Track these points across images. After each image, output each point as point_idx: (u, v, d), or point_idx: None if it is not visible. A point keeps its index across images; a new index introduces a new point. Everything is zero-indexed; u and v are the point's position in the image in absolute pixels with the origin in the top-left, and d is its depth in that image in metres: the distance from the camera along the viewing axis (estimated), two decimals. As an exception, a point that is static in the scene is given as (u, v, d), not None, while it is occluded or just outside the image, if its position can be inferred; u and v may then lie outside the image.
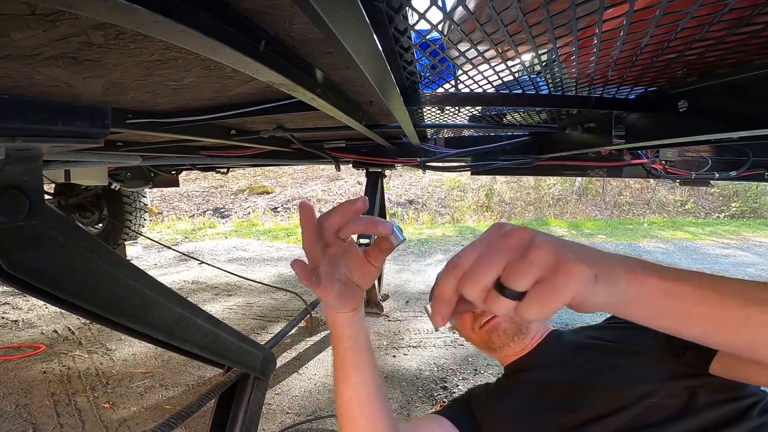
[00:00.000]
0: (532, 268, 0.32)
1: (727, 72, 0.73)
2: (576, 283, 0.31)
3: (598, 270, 0.33)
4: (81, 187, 3.93)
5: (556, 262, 0.32)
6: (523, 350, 0.90)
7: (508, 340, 0.88)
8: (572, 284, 0.31)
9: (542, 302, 0.32)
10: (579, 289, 0.32)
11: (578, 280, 0.31)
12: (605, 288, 0.33)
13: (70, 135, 0.37)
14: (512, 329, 0.88)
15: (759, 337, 0.34)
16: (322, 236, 0.47)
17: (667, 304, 0.35)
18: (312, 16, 0.37)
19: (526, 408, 0.78)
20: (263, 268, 4.65)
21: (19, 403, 1.92)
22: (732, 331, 0.35)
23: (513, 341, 0.88)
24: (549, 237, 0.35)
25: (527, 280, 0.32)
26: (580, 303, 0.33)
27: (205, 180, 10.02)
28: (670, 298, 0.35)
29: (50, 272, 0.44)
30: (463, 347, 2.50)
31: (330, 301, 0.51)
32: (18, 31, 0.49)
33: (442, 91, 0.98)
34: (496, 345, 0.89)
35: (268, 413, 1.88)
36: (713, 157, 1.82)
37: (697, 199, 9.49)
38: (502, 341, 0.88)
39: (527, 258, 0.32)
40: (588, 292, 0.33)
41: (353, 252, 0.50)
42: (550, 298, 0.31)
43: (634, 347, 0.74)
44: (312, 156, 2.08)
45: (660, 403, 0.65)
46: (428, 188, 9.66)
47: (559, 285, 0.31)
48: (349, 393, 0.57)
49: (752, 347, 0.35)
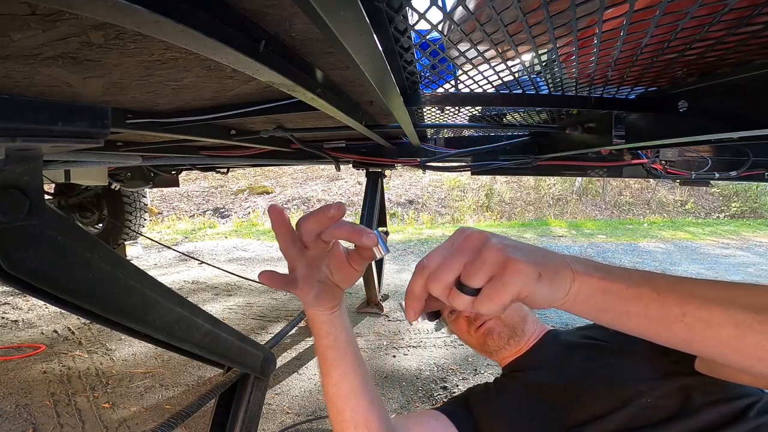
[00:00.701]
0: (484, 266, 0.36)
1: (727, 72, 0.73)
2: (520, 280, 0.35)
3: (541, 269, 0.37)
4: (81, 187, 3.93)
5: (505, 260, 0.36)
6: (519, 351, 0.90)
7: (503, 342, 0.89)
8: (517, 281, 0.35)
9: (492, 297, 0.35)
10: (523, 286, 0.35)
11: (522, 277, 0.35)
12: (548, 285, 0.37)
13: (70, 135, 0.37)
14: (506, 332, 0.89)
15: (695, 333, 0.36)
16: (299, 239, 0.47)
17: (606, 301, 0.38)
18: (312, 16, 0.37)
19: (524, 408, 0.78)
20: (263, 268, 4.61)
21: (19, 403, 1.92)
22: (666, 327, 0.37)
23: (508, 344, 0.89)
24: (501, 238, 0.38)
25: (480, 278, 0.36)
26: (526, 298, 0.37)
27: (205, 180, 10.02)
28: (608, 295, 0.38)
29: (50, 272, 0.44)
30: (463, 347, 2.50)
31: (308, 301, 0.51)
32: (18, 31, 0.49)
33: (442, 91, 0.98)
34: (491, 348, 0.90)
35: (268, 413, 1.88)
36: (713, 157, 1.82)
37: (697, 199, 9.49)
38: (497, 344, 0.89)
39: (480, 257, 0.36)
40: (532, 288, 0.36)
41: (336, 252, 0.50)
42: (498, 294, 0.35)
43: (625, 346, 0.74)
44: (312, 156, 2.08)
45: (654, 404, 0.65)
46: (428, 188, 9.66)
47: (507, 281, 0.35)
48: (332, 388, 0.58)
49: (688, 343, 0.37)
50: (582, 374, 0.75)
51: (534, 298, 0.37)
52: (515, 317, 0.91)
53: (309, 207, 8.87)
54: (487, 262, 0.36)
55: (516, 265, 0.35)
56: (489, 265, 0.36)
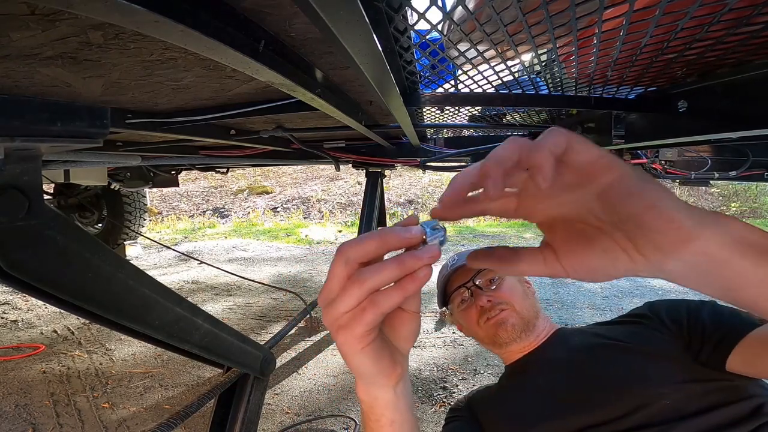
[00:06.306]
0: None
1: (727, 72, 0.73)
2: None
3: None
4: (81, 187, 3.93)
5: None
6: (528, 347, 0.88)
7: (515, 335, 0.86)
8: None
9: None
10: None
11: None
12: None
13: (70, 135, 0.37)
14: (520, 324, 0.86)
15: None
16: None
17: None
18: (312, 16, 0.37)
19: (531, 410, 0.76)
20: (263, 268, 4.65)
21: (18, 403, 1.92)
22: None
23: (520, 337, 0.86)
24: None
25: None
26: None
27: (205, 180, 10.02)
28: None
29: (50, 272, 0.44)
30: (463, 347, 2.50)
31: (364, 373, 0.35)
32: (17, 30, 0.49)
33: (442, 91, 0.98)
34: (502, 340, 0.87)
35: (267, 413, 1.88)
36: (713, 157, 1.82)
37: (696, 199, 9.49)
38: (510, 336, 0.86)
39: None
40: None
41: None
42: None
43: (648, 347, 0.72)
44: (312, 156, 2.08)
45: (673, 406, 0.64)
46: (428, 188, 9.66)
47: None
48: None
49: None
50: (594, 376, 0.73)
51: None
52: (530, 311, 0.89)
53: (309, 207, 8.86)
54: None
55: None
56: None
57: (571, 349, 0.83)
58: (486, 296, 0.90)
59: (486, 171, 0.28)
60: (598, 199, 0.30)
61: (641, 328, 0.77)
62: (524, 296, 0.92)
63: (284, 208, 8.99)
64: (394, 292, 0.31)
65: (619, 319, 0.87)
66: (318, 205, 8.94)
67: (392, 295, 0.31)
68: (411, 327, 0.37)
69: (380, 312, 0.31)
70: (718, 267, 0.27)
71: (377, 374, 0.35)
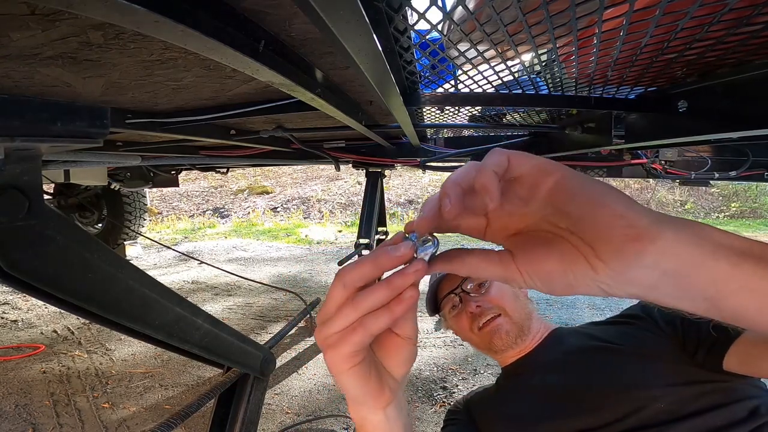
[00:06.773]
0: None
1: (727, 72, 0.73)
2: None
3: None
4: (81, 187, 3.93)
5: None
6: (524, 350, 0.87)
7: (510, 342, 0.85)
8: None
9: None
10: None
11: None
12: None
13: (70, 135, 0.37)
14: (514, 331, 0.86)
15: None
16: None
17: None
18: (312, 16, 0.37)
19: (528, 412, 0.76)
20: (263, 268, 4.65)
21: (18, 403, 1.92)
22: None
23: (516, 343, 0.86)
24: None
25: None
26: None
27: (205, 180, 10.02)
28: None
29: (49, 272, 0.44)
30: (463, 347, 2.50)
31: (353, 393, 0.35)
32: (17, 30, 0.49)
33: (442, 91, 0.98)
34: (498, 347, 0.86)
35: (267, 413, 1.88)
36: (713, 157, 1.82)
37: (696, 199, 9.49)
38: (505, 343, 0.85)
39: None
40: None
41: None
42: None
43: (642, 349, 0.72)
44: (312, 156, 2.08)
45: (668, 408, 0.64)
46: (428, 188, 9.66)
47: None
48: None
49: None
50: (589, 378, 0.73)
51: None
52: (522, 314, 0.88)
53: (309, 207, 8.86)
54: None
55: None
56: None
57: (566, 351, 0.82)
58: (475, 302, 0.89)
59: (443, 192, 0.30)
60: (549, 206, 0.30)
61: (634, 329, 0.77)
62: (515, 298, 0.91)
63: (284, 208, 8.99)
64: (382, 314, 0.31)
65: (613, 319, 0.86)
66: (318, 205, 8.94)
67: (380, 317, 0.31)
68: (405, 354, 0.36)
69: (368, 333, 0.31)
70: (691, 270, 0.25)
71: (364, 395, 0.35)
